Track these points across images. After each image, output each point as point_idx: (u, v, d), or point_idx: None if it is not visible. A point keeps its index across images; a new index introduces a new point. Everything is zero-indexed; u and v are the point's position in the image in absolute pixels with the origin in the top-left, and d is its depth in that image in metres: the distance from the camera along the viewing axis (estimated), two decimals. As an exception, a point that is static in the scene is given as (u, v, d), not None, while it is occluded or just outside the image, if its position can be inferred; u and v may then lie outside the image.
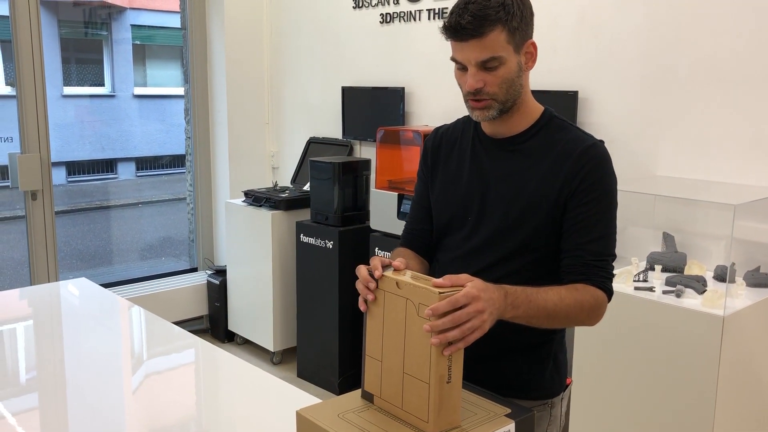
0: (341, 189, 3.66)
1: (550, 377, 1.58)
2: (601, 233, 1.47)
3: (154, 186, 9.56)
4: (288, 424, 1.65)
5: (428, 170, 1.69)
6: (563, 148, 1.49)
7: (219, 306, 4.50)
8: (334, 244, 3.63)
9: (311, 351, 3.87)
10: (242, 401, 1.86)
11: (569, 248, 1.47)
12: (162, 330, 2.33)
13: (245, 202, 4.21)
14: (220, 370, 2.07)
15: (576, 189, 1.46)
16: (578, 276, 1.44)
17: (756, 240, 2.58)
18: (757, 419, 2.56)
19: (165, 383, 1.98)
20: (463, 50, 1.45)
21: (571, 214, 1.47)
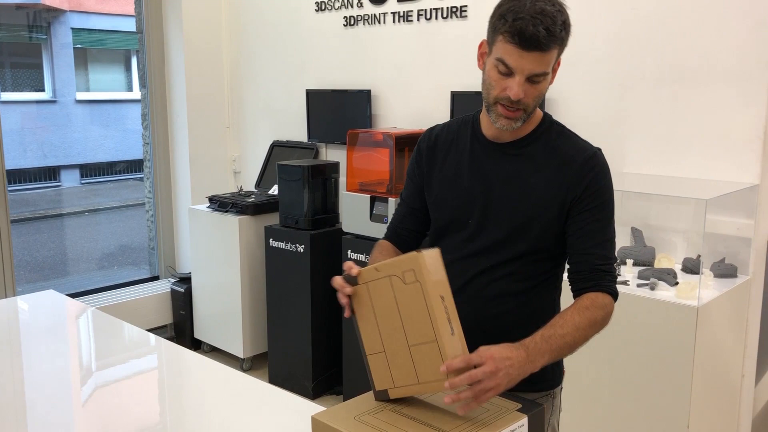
0: (311, 192, 3.66)
1: (551, 369, 1.63)
2: (605, 237, 1.53)
3: (100, 193, 9.32)
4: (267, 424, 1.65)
5: (423, 171, 1.69)
6: (566, 155, 1.54)
7: (184, 314, 4.42)
8: (306, 248, 3.62)
9: (283, 356, 3.85)
10: (218, 403, 1.84)
11: (577, 253, 1.52)
12: (139, 336, 2.30)
13: (210, 207, 4.15)
14: (197, 374, 2.05)
15: (580, 196, 1.51)
16: (588, 283, 1.50)
17: (719, 232, 2.69)
18: (729, 401, 2.68)
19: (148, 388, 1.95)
20: (522, 59, 1.42)
21: (577, 220, 1.52)
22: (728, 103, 2.63)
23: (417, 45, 3.61)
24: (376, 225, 3.34)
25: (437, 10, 3.50)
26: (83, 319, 2.52)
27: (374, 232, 3.35)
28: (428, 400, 1.40)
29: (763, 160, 2.58)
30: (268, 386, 1.98)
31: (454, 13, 3.43)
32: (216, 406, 1.86)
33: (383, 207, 3.31)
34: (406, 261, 1.32)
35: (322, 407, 1.88)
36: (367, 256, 3.39)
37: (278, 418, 1.81)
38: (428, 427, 1.29)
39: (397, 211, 1.79)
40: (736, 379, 2.71)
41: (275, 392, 1.94)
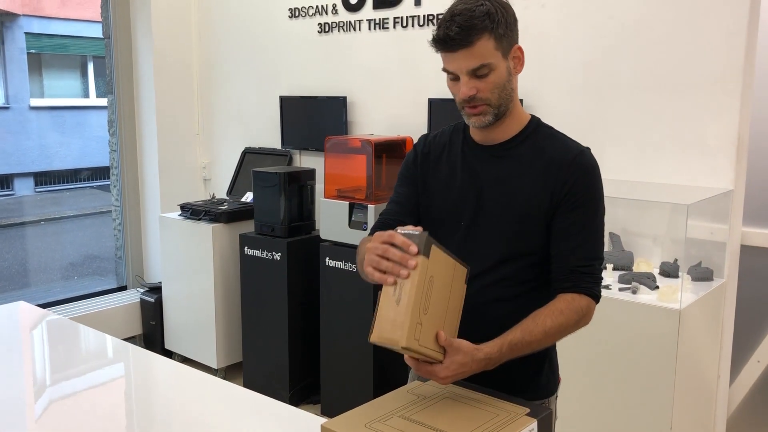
0: (287, 199, 3.62)
1: (546, 378, 1.65)
2: (586, 238, 1.52)
3: (57, 202, 9.09)
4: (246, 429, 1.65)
5: (418, 173, 1.70)
6: (552, 156, 1.55)
7: (154, 324, 4.34)
8: (282, 255, 3.59)
9: (258, 365, 3.80)
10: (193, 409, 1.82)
11: (556, 254, 1.53)
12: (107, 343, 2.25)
13: (182, 215, 4.08)
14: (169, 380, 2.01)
15: (564, 197, 1.52)
16: (565, 284, 1.51)
17: (694, 237, 2.76)
18: (705, 402, 2.74)
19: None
20: (454, 60, 1.49)
21: (558, 221, 1.52)
22: (702, 110, 2.70)
23: (393, 52, 3.62)
24: (354, 232, 3.33)
25: (413, 17, 3.51)
26: (52, 328, 2.44)
27: (353, 239, 3.34)
28: (439, 405, 1.40)
29: (737, 166, 2.65)
30: (245, 391, 1.97)
31: (431, 21, 3.45)
32: (191, 412, 1.83)
33: (362, 214, 3.30)
34: None
35: (303, 411, 1.88)
36: (346, 263, 3.38)
37: (257, 423, 1.80)
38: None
39: (385, 211, 1.75)
40: (713, 380, 2.77)
41: (253, 396, 1.93)
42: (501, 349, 1.40)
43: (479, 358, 1.37)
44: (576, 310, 1.48)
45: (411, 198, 1.71)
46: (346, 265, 3.37)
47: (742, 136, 2.64)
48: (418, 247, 1.29)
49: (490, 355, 1.39)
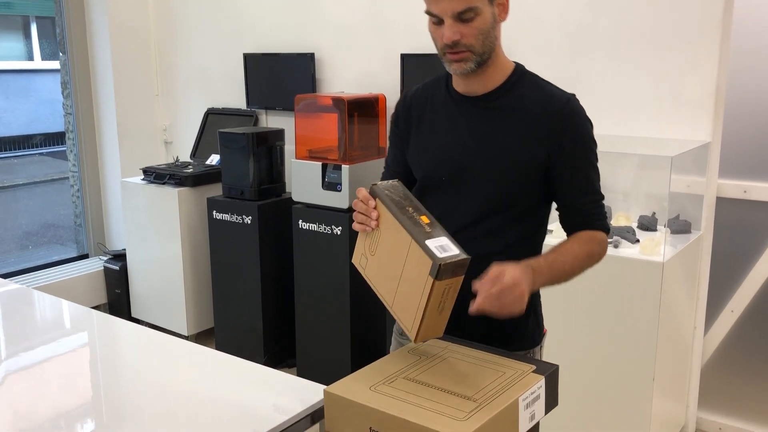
0: (256, 161, 3.52)
1: (532, 328, 1.64)
2: (590, 181, 1.53)
3: (4, 170, 8.74)
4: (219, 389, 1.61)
5: (402, 134, 1.67)
6: (541, 105, 1.51)
7: (120, 293, 4.21)
8: (253, 219, 3.50)
9: (231, 331, 3.73)
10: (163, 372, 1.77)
11: (568, 204, 1.54)
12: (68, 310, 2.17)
13: (145, 180, 3.94)
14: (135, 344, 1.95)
15: (561, 146, 1.49)
16: (580, 225, 1.53)
17: (672, 190, 2.76)
18: (682, 352, 2.78)
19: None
20: (439, 2, 1.44)
21: (559, 172, 1.51)
22: (680, 63, 2.68)
23: (363, 6, 3.51)
24: (329, 193, 3.25)
25: (383, -31, 3.40)
26: (7, 298, 2.33)
27: (327, 201, 3.26)
28: (443, 365, 1.36)
29: (715, 119, 2.65)
30: (219, 353, 1.96)
31: (402, -27, 3.34)
32: (163, 377, 1.79)
33: (336, 174, 3.22)
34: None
35: (279, 371, 1.85)
36: (320, 225, 3.30)
37: (231, 383, 1.77)
38: (449, 393, 1.25)
39: (383, 177, 1.73)
40: (689, 331, 2.81)
41: (227, 359, 1.92)
42: (539, 261, 1.42)
43: (521, 266, 1.35)
44: (598, 242, 1.52)
45: (400, 161, 1.69)
46: (321, 227, 3.30)
47: (720, 88, 2.63)
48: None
49: (530, 264, 1.38)
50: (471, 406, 1.20)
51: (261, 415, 1.63)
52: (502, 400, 1.22)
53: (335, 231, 3.25)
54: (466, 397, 1.23)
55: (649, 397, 2.40)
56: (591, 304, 2.48)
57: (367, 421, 1.22)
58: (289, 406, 1.66)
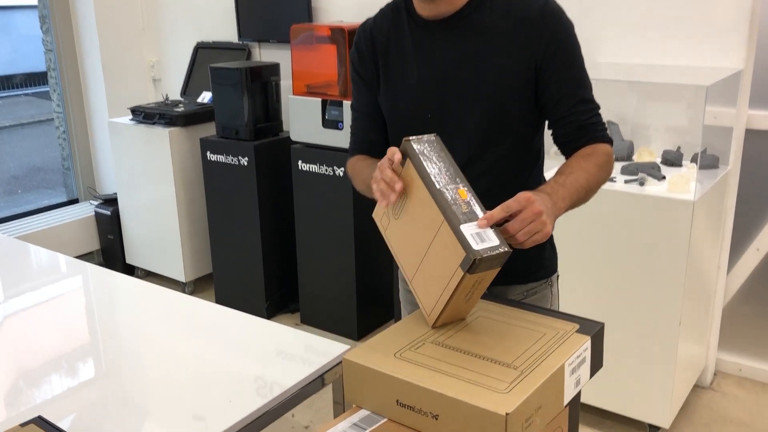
0: (251, 98, 3.30)
1: (549, 257, 1.53)
2: (582, 89, 1.38)
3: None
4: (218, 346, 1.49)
5: (370, 73, 1.48)
6: (517, 14, 1.35)
7: (113, 239, 4.06)
8: (250, 160, 3.31)
9: (231, 277, 3.59)
10: (160, 327, 1.63)
11: (560, 117, 1.38)
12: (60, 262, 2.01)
13: (134, 120, 3.73)
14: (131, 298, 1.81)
15: (545, 56, 1.34)
16: (580, 141, 1.37)
17: (697, 122, 2.58)
18: (706, 293, 2.65)
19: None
20: None
21: (550, 83, 1.35)
22: (712, -18, 2.45)
23: (361, -74, 3.23)
24: (329, 132, 3.06)
25: None
26: (12, 255, 2.18)
27: (327, 140, 3.07)
28: (475, 326, 1.21)
29: (749, 44, 2.44)
30: (216, 306, 1.86)
31: None
32: (158, 330, 1.68)
33: (337, 111, 3.02)
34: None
35: (280, 324, 1.72)
36: (321, 165, 3.12)
37: (230, 339, 1.65)
38: (486, 360, 1.10)
39: (354, 126, 1.56)
40: (713, 271, 2.68)
41: (224, 312, 1.82)
42: (549, 185, 1.25)
43: (534, 192, 1.17)
44: (603, 152, 1.36)
45: (373, 104, 1.50)
46: (321, 168, 3.12)
47: (756, 9, 2.41)
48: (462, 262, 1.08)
49: (542, 189, 1.22)
50: (512, 374, 1.05)
51: (267, 377, 1.50)
52: (546, 366, 1.08)
53: (337, 172, 3.08)
54: (506, 364, 1.08)
55: (674, 342, 2.28)
56: (616, 246, 2.33)
57: (393, 393, 1.07)
58: (298, 367, 1.53)
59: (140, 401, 1.41)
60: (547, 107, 1.38)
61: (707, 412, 2.64)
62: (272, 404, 1.41)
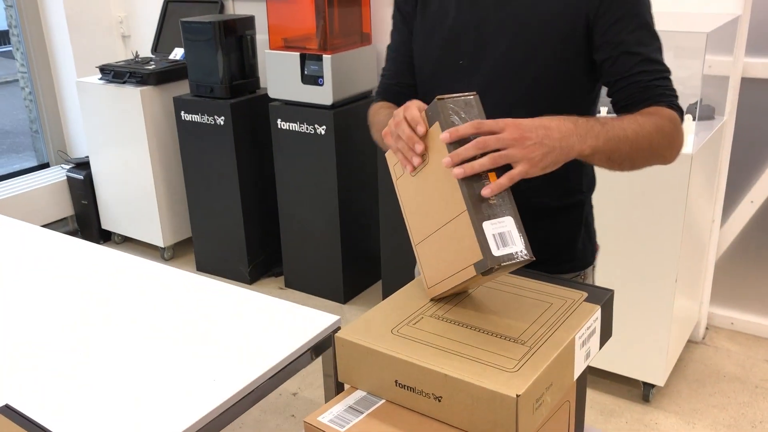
0: (225, 54, 3.15)
1: (583, 245, 1.38)
2: (648, 47, 1.17)
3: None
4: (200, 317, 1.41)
5: (409, 7, 1.35)
6: None
7: (87, 204, 3.91)
8: (227, 119, 3.17)
9: (211, 241, 3.48)
10: (138, 299, 1.53)
11: (620, 79, 1.17)
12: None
13: (103, 79, 3.55)
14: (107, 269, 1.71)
15: (599, 7, 1.16)
16: (643, 104, 1.15)
17: (693, 71, 2.48)
18: (700, 247, 2.60)
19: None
20: None
21: (607, 39, 1.16)
22: None
23: None
24: (309, 88, 2.92)
25: None
26: None
27: (307, 97, 2.94)
28: (476, 297, 1.12)
29: (747, -13, 2.34)
30: (196, 276, 1.76)
31: None
32: (135, 306, 1.59)
33: (317, 66, 2.88)
34: None
35: (260, 293, 1.64)
36: (301, 123, 3.00)
37: (212, 313, 1.56)
38: (491, 335, 1.01)
39: (385, 68, 1.44)
40: (707, 225, 2.62)
41: (205, 283, 1.72)
42: (587, 118, 1.03)
43: (555, 117, 0.99)
44: (668, 118, 1.12)
45: (407, 46, 1.36)
46: (302, 126, 2.99)
47: (755, -50, 2.30)
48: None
49: (572, 117, 1.01)
50: (520, 351, 0.97)
51: (253, 352, 1.41)
52: (555, 340, 0.99)
53: (319, 130, 2.95)
54: (512, 339, 1.00)
55: (671, 300, 2.23)
56: (612, 204, 2.25)
57: (392, 373, 0.99)
58: (286, 341, 1.44)
59: (116, 385, 1.31)
60: (604, 66, 1.18)
61: (701, 368, 2.61)
62: (259, 382, 1.33)
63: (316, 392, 2.54)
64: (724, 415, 2.36)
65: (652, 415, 2.36)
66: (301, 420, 2.41)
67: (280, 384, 1.39)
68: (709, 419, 2.33)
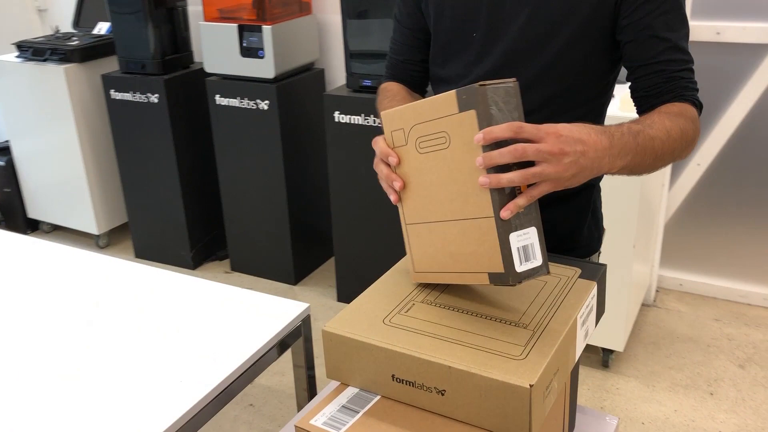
0: (156, 27, 2.96)
1: (589, 232, 1.30)
2: (676, 33, 1.09)
3: None
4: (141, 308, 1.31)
5: None
6: None
7: (10, 192, 3.65)
8: (161, 97, 2.99)
9: (149, 226, 3.31)
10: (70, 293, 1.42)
11: (644, 64, 1.09)
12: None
13: (21, 57, 3.30)
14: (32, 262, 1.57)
15: None
16: (666, 96, 1.08)
17: None
18: (651, 210, 2.61)
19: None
20: None
21: (633, 20, 1.08)
22: None
23: None
24: (249, 61, 2.78)
25: None
26: None
27: (248, 71, 2.80)
28: (462, 285, 1.06)
29: (694, -51, 2.33)
30: (135, 264, 1.64)
31: None
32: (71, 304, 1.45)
33: (256, 38, 2.74)
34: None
35: (205, 279, 1.55)
36: (242, 99, 2.85)
37: (161, 302, 1.46)
38: (489, 320, 0.95)
39: (393, 40, 1.33)
40: (658, 189, 2.64)
41: (147, 271, 1.61)
42: (621, 128, 0.95)
43: (593, 128, 0.90)
44: (691, 119, 1.05)
45: (416, 17, 1.26)
46: (243, 101, 2.85)
47: None
48: None
49: (608, 129, 0.93)
50: (523, 335, 0.91)
51: (220, 347, 1.31)
52: (558, 322, 0.94)
53: (261, 105, 2.82)
54: (513, 323, 0.94)
55: (629, 266, 2.23)
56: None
57: (388, 367, 0.91)
58: (249, 336, 1.34)
59: (60, 400, 1.19)
60: (627, 48, 1.10)
61: (654, 330, 2.65)
62: (228, 383, 1.23)
63: (273, 379, 2.45)
64: (681, 375, 2.40)
65: (612, 380, 2.38)
66: (260, 409, 2.32)
67: (249, 383, 1.30)
68: (667, 381, 2.37)
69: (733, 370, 2.42)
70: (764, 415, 2.20)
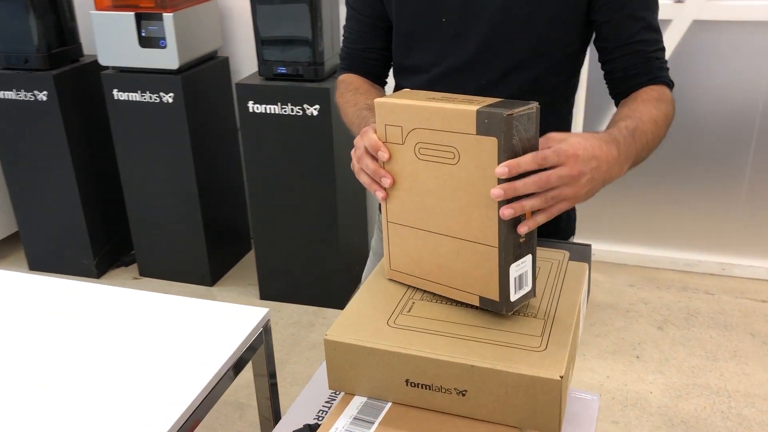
0: (38, 16, 2.70)
1: (567, 215, 1.31)
2: (651, 11, 1.10)
3: None
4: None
5: None
6: None
7: None
8: (50, 94, 2.74)
9: (44, 235, 3.05)
10: None
11: (621, 45, 1.08)
12: None
13: None
14: None
15: None
16: (643, 78, 1.09)
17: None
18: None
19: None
20: None
21: (608, 1, 1.07)
22: None
23: None
24: (150, 52, 2.60)
25: None
26: None
27: (148, 62, 2.62)
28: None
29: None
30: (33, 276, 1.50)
31: None
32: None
33: (156, 26, 2.56)
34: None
35: (110, 286, 1.44)
36: (143, 93, 2.67)
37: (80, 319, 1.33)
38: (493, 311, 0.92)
39: (349, 29, 1.26)
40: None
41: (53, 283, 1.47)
42: (622, 132, 0.94)
43: (603, 139, 0.89)
44: (669, 101, 1.07)
45: (376, 2, 1.19)
46: (145, 95, 2.66)
47: None
48: None
49: (614, 136, 0.92)
50: (536, 325, 0.89)
51: (154, 377, 1.17)
52: (564, 308, 0.93)
53: (165, 98, 2.65)
54: (522, 313, 0.92)
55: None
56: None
57: (401, 372, 0.86)
58: (206, 354, 1.22)
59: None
60: (602, 29, 1.09)
61: (577, 300, 2.74)
62: (194, 406, 1.13)
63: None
64: (607, 342, 2.50)
65: (545, 352, 2.44)
66: (227, 413, 2.20)
67: (214, 404, 1.20)
68: (595, 349, 2.46)
69: (653, 332, 2.54)
70: (687, 372, 2.33)
